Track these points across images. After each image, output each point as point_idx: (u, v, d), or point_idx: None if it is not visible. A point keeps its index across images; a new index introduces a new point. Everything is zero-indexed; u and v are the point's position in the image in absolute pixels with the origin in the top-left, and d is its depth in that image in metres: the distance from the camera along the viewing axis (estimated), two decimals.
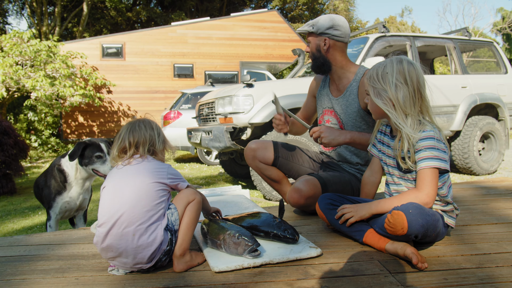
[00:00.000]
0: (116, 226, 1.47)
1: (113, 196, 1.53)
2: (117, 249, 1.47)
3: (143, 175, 1.54)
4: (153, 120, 1.74)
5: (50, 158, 10.63)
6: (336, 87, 2.46)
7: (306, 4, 26.32)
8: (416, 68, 1.67)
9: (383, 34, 5.24)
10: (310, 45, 2.40)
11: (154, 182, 1.53)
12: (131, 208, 1.47)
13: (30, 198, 5.15)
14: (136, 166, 1.58)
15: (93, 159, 2.52)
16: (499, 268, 1.47)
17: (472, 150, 5.50)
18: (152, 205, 1.50)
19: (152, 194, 1.51)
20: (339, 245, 1.77)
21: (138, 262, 1.49)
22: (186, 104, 8.35)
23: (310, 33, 2.37)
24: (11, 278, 1.53)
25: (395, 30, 31.18)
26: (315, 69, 2.44)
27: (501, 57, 6.24)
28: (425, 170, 1.59)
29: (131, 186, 1.52)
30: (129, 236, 1.46)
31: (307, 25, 2.36)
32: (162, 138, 1.69)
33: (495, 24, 29.60)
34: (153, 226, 1.48)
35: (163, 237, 1.49)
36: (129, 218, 1.46)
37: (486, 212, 2.29)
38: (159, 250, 1.49)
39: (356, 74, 2.36)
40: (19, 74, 9.18)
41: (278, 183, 2.58)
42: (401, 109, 1.64)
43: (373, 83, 1.70)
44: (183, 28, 12.66)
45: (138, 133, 1.63)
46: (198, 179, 6.24)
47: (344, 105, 2.37)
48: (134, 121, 1.68)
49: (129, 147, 1.61)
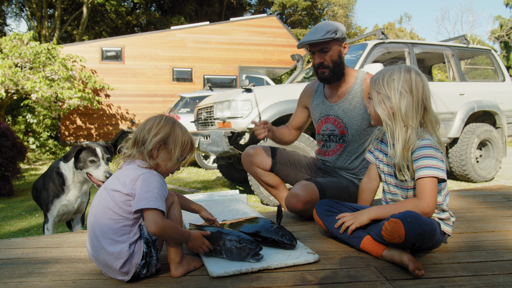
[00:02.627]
0: (89, 235, 1.46)
1: (92, 203, 1.49)
2: (93, 257, 1.47)
3: (116, 183, 1.44)
4: (172, 116, 1.56)
5: (48, 160, 10.60)
6: (335, 93, 2.44)
7: (305, 9, 26.43)
8: (423, 79, 1.66)
9: (382, 41, 5.27)
10: (330, 53, 2.28)
11: (119, 192, 1.40)
12: (99, 218, 1.41)
13: (28, 200, 5.13)
14: (118, 171, 1.49)
15: (87, 163, 2.51)
16: (496, 276, 1.48)
17: (470, 157, 5.52)
18: (117, 218, 1.40)
19: (118, 204, 1.40)
20: (336, 251, 1.77)
21: (115, 274, 1.45)
22: (184, 108, 8.37)
23: (332, 40, 2.26)
24: (8, 281, 1.52)
25: (393, 36, 31.32)
26: (335, 77, 2.34)
27: (499, 64, 6.28)
28: (424, 179, 1.60)
29: (103, 193, 1.45)
30: (96, 247, 1.43)
31: (328, 33, 2.23)
32: (160, 138, 1.47)
33: (493, 31, 29.80)
34: (121, 238, 1.40)
35: (130, 250, 1.40)
36: (97, 228, 1.42)
37: (483, 220, 2.30)
38: (131, 264, 1.42)
39: (357, 78, 2.37)
40: (18, 76, 9.18)
41: (275, 188, 2.59)
42: (401, 119, 1.64)
43: (377, 88, 1.69)
44: (183, 32, 12.69)
45: (138, 131, 1.50)
46: (196, 183, 6.24)
47: (347, 108, 2.36)
48: (151, 117, 1.53)
49: (131, 146, 1.51)
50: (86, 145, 2.54)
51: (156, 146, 1.47)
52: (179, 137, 1.50)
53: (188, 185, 6.07)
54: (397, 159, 1.67)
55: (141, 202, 1.36)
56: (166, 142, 1.48)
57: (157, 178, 1.43)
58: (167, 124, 1.49)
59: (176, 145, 1.49)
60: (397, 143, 1.64)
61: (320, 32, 2.23)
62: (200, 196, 2.85)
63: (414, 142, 1.63)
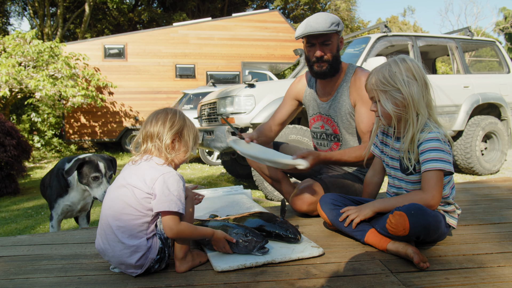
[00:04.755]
0: (103, 229, 1.47)
1: (108, 197, 1.50)
2: (105, 253, 1.48)
3: (136, 180, 1.45)
4: (179, 109, 1.58)
5: (53, 158, 10.66)
6: (326, 89, 2.37)
7: (307, 4, 26.30)
8: (417, 62, 1.69)
9: (385, 34, 5.23)
10: (331, 46, 2.17)
11: (140, 190, 1.43)
12: (117, 213, 1.43)
13: (33, 198, 5.16)
14: (135, 167, 1.50)
15: (89, 180, 2.42)
16: (501, 267, 1.47)
17: (475, 150, 5.49)
18: (137, 214, 1.43)
19: (139, 201, 1.43)
20: (341, 245, 1.77)
21: (126, 268, 1.47)
22: (188, 105, 8.37)
23: (335, 33, 2.15)
24: (15, 277, 1.54)
25: (397, 30, 31.13)
26: (332, 72, 2.23)
27: (504, 56, 6.23)
28: (430, 172, 1.59)
29: (122, 189, 1.46)
30: (112, 241, 1.44)
31: (333, 25, 2.09)
32: (176, 131, 1.51)
33: (497, 23, 29.54)
34: (140, 234, 1.43)
35: (148, 244, 1.44)
36: (114, 222, 1.43)
37: (488, 212, 2.29)
38: (147, 259, 1.45)
39: (346, 74, 2.29)
40: (22, 74, 9.21)
41: (278, 182, 2.58)
42: (414, 108, 1.63)
43: (383, 87, 1.66)
44: (185, 28, 12.67)
45: (149, 126, 1.51)
46: (200, 179, 6.25)
47: (337, 107, 2.30)
48: (157, 111, 1.56)
49: (142, 142, 1.52)
50: (88, 158, 2.44)
51: (174, 138, 1.51)
52: (191, 127, 1.56)
53: (192, 182, 6.08)
54: (405, 147, 1.66)
55: (162, 204, 1.40)
56: (181, 133, 1.53)
57: (177, 178, 1.46)
58: (179, 116, 1.54)
59: (190, 135, 1.55)
60: (408, 134, 1.64)
61: (323, 23, 2.09)
62: (204, 192, 2.85)
63: (421, 134, 1.63)
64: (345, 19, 27.25)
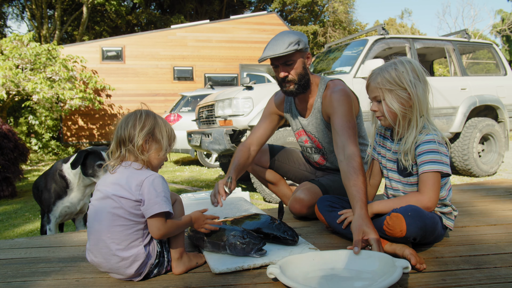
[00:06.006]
0: (94, 244, 1.44)
1: (93, 210, 1.46)
2: (100, 266, 1.46)
3: (120, 189, 1.42)
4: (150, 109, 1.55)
5: (50, 161, 10.63)
6: (302, 105, 2.33)
7: (305, 6, 26.37)
8: (418, 63, 1.70)
9: (383, 36, 5.25)
10: (294, 65, 2.12)
11: (127, 199, 1.40)
12: (108, 226, 1.40)
13: (31, 201, 5.15)
14: (115, 176, 1.46)
15: (95, 169, 2.49)
16: (497, 269, 1.48)
17: (472, 152, 5.51)
18: (129, 224, 1.41)
19: (129, 210, 1.40)
20: (338, 246, 1.77)
21: (126, 277, 1.46)
22: (186, 107, 8.36)
23: (296, 52, 2.10)
24: (12, 280, 1.53)
25: (394, 32, 31.23)
26: (300, 90, 2.18)
27: (501, 59, 6.25)
28: (427, 174, 1.60)
29: (108, 200, 1.42)
30: (106, 254, 1.42)
31: (291, 45, 2.05)
32: (148, 131, 1.47)
33: (494, 26, 29.68)
34: (135, 242, 1.42)
35: (146, 252, 1.43)
36: (106, 235, 1.40)
37: (485, 214, 2.30)
38: (146, 265, 1.44)
39: (319, 89, 2.25)
40: (19, 77, 9.19)
41: (275, 185, 2.59)
42: (418, 108, 1.64)
43: (389, 86, 1.66)
44: (183, 31, 12.69)
45: (120, 130, 1.48)
46: (198, 182, 6.25)
47: (316, 123, 2.29)
48: (127, 114, 1.54)
49: (116, 148, 1.49)
50: (90, 149, 2.53)
51: (146, 139, 1.47)
52: (163, 126, 1.53)
53: (190, 184, 6.08)
54: (407, 147, 1.66)
55: (153, 207, 1.38)
56: (153, 133, 1.49)
57: (161, 179, 1.44)
58: (149, 117, 1.50)
59: (163, 134, 1.51)
60: (411, 134, 1.65)
61: (282, 44, 2.06)
62: (203, 195, 2.85)
63: (418, 136, 1.64)
64: (343, 21, 27.32)
